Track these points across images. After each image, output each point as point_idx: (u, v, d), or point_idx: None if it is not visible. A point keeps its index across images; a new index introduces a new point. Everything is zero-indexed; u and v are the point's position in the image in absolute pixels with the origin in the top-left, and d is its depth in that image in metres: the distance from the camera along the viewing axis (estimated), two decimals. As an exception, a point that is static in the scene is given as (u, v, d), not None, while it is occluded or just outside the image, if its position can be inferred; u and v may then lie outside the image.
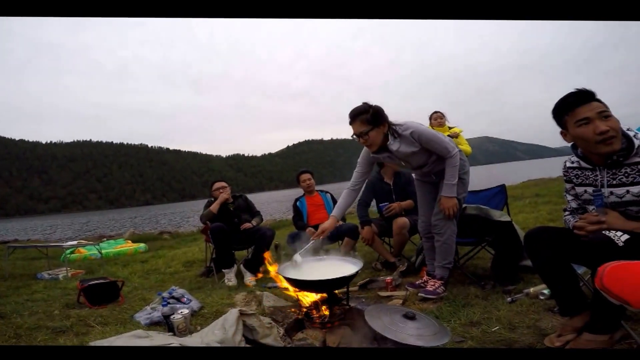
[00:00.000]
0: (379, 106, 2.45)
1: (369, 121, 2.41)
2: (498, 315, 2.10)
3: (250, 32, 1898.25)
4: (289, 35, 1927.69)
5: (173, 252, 6.64)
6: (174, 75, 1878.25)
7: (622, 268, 0.89)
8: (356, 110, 2.45)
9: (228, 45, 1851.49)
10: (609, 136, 1.46)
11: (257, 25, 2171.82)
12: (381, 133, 2.46)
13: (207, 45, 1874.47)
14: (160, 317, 2.46)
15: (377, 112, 2.42)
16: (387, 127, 2.47)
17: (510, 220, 2.76)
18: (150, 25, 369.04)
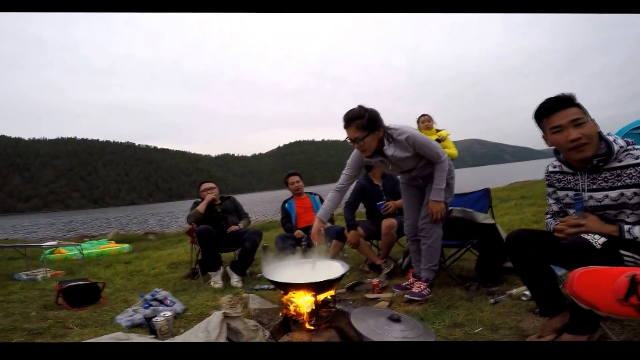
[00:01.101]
0: (375, 110, 2.40)
1: (365, 127, 2.35)
2: (481, 316, 2.12)
3: (243, 30, 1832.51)
4: (282, 34, 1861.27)
5: (158, 253, 6.53)
6: (163, 72, 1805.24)
7: (590, 274, 0.90)
8: (351, 114, 2.38)
9: (220, 43, 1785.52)
10: (580, 143, 1.50)
11: (251, 24, 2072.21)
12: (376, 138, 2.43)
13: (198, 43, 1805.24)
14: (142, 319, 2.42)
15: (373, 117, 2.36)
16: (382, 131, 2.44)
17: (494, 223, 2.81)
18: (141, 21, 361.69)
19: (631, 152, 1.47)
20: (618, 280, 0.82)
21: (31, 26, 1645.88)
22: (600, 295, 0.85)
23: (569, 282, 0.92)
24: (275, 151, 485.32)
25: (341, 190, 2.65)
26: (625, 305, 0.80)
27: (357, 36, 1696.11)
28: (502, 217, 6.01)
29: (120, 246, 7.57)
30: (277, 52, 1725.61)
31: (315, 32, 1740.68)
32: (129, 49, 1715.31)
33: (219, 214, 4.03)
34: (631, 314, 0.80)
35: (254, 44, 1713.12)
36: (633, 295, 0.78)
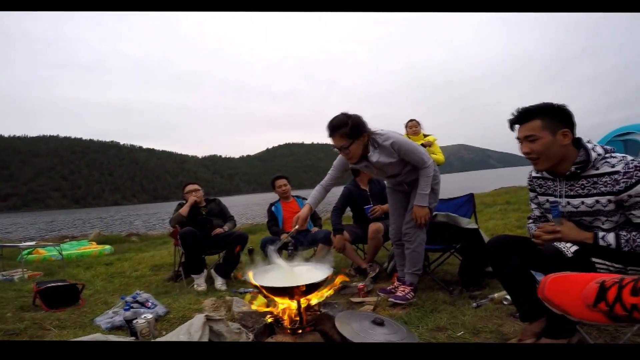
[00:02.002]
0: (358, 116, 2.41)
1: (349, 135, 2.36)
2: (463, 320, 2.15)
3: (235, 30, 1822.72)
4: (275, 36, 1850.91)
5: (141, 255, 6.42)
6: (152, 70, 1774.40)
7: (562, 280, 0.92)
8: (334, 123, 2.39)
9: (212, 43, 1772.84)
10: (530, 158, 1.60)
11: (243, 24, 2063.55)
12: (361, 145, 2.44)
13: (189, 42, 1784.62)
14: (122, 321, 2.38)
15: (356, 124, 2.37)
16: (367, 137, 2.45)
17: (477, 228, 2.85)
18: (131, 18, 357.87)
19: (608, 160, 1.51)
20: (588, 287, 0.84)
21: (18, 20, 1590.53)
22: (571, 300, 0.87)
23: (541, 288, 0.95)
24: (264, 153, 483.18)
25: (326, 187, 2.67)
26: (594, 311, 0.81)
27: (350, 39, 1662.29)
28: (486, 221, 6.11)
29: (101, 247, 7.41)
30: (269, 54, 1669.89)
31: (309, 35, 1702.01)
32: (117, 46, 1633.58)
33: (203, 217, 3.98)
34: (600, 320, 0.81)
35: (246, 44, 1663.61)
36: (602, 302, 0.80)
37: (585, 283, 0.85)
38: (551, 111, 1.56)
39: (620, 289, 0.77)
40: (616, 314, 0.77)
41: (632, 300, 0.75)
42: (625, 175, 1.43)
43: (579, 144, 1.59)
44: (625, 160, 1.47)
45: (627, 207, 1.47)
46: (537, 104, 1.59)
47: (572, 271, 0.97)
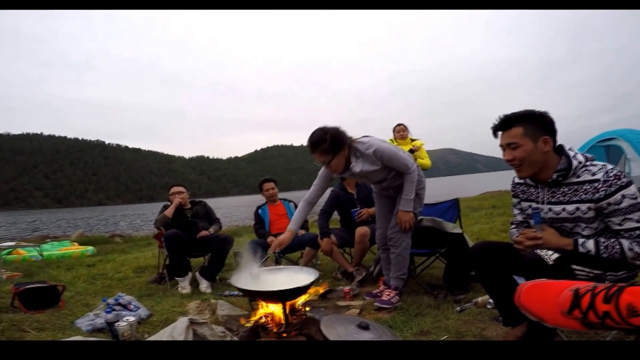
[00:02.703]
0: (336, 130, 2.41)
1: (328, 150, 2.38)
2: (447, 324, 2.17)
3: (227, 31, 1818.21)
4: (266, 37, 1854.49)
5: (124, 256, 6.30)
6: (142, 70, 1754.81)
7: (537, 287, 0.94)
8: (313, 140, 2.40)
9: (203, 44, 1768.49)
10: (513, 165, 1.63)
11: (235, 26, 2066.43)
12: (343, 157, 2.46)
13: (181, 42, 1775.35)
14: (103, 323, 2.33)
15: (334, 139, 2.38)
16: (347, 149, 2.46)
17: (461, 233, 2.89)
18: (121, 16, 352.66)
19: (589, 168, 1.55)
20: (563, 294, 0.85)
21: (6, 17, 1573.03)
22: (546, 307, 0.89)
23: (517, 295, 0.96)
24: (252, 155, 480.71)
25: (311, 202, 2.67)
26: (569, 318, 0.83)
27: (342, 42, 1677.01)
28: (472, 225, 6.19)
29: (83, 248, 7.24)
30: (260, 56, 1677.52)
31: (300, 37, 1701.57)
32: (107, 45, 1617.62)
33: (188, 220, 3.93)
34: (575, 327, 0.83)
35: (237, 46, 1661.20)
36: (576, 309, 0.81)
37: (560, 291, 0.87)
38: (533, 118, 1.59)
39: (593, 296, 0.79)
40: (590, 321, 0.79)
41: (605, 307, 0.77)
42: (605, 183, 1.47)
43: (560, 151, 1.62)
44: (606, 168, 1.51)
45: (606, 215, 1.51)
46: (518, 111, 1.62)
47: (553, 278, 0.99)
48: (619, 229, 1.48)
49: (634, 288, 0.77)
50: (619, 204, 1.46)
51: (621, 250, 1.45)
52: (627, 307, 0.74)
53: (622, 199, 1.45)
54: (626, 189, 1.45)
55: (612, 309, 0.76)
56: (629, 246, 1.44)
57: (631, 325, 0.74)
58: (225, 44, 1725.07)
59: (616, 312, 0.76)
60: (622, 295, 0.76)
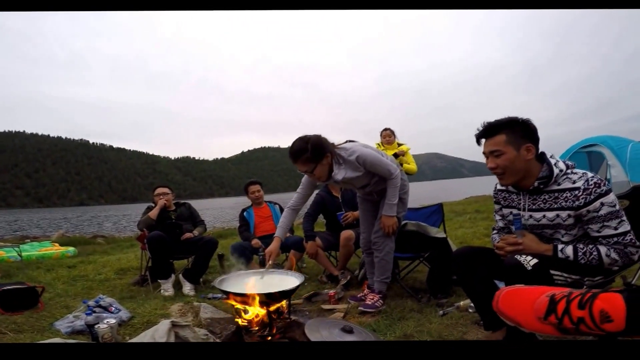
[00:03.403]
0: (317, 138, 2.41)
1: (311, 159, 2.38)
2: (430, 328, 2.19)
3: (215, 32, 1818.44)
4: (255, 38, 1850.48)
5: (106, 258, 6.17)
6: (128, 69, 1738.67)
7: (514, 293, 0.96)
8: (294, 150, 2.40)
9: (190, 43, 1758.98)
10: (495, 172, 1.66)
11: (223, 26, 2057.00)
12: (326, 165, 2.46)
13: (168, 41, 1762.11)
14: (83, 325, 2.28)
15: (316, 148, 2.38)
16: (330, 156, 2.46)
17: (445, 237, 2.93)
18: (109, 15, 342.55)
19: (569, 176, 1.58)
20: (539, 300, 0.87)
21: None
22: (523, 313, 0.90)
23: (495, 301, 0.98)
24: (239, 156, 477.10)
25: (296, 208, 2.70)
26: (545, 324, 0.85)
27: (330, 44, 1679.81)
28: (456, 230, 6.27)
29: (64, 249, 7.06)
30: (248, 56, 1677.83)
31: (289, 38, 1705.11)
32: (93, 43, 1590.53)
33: (172, 221, 3.88)
34: (551, 332, 0.85)
35: (225, 46, 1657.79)
36: (552, 314, 0.83)
37: (537, 296, 0.89)
38: (516, 126, 1.61)
39: (568, 302, 0.81)
40: (565, 327, 0.81)
41: (579, 313, 0.79)
42: (584, 191, 1.51)
43: (542, 158, 1.65)
44: (586, 177, 1.54)
45: (585, 222, 1.55)
46: (502, 119, 1.65)
47: (531, 283, 1.01)
48: (597, 235, 1.52)
49: (608, 294, 0.78)
50: (597, 212, 1.50)
51: (599, 256, 1.49)
52: (600, 313, 0.76)
53: (601, 206, 1.49)
54: (605, 197, 1.49)
55: (586, 315, 0.78)
56: (606, 252, 1.49)
57: (604, 331, 0.76)
58: (213, 43, 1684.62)
59: (590, 318, 0.77)
60: (595, 301, 0.78)
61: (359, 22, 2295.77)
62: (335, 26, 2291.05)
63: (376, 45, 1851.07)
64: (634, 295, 0.74)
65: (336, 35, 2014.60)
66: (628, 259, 1.49)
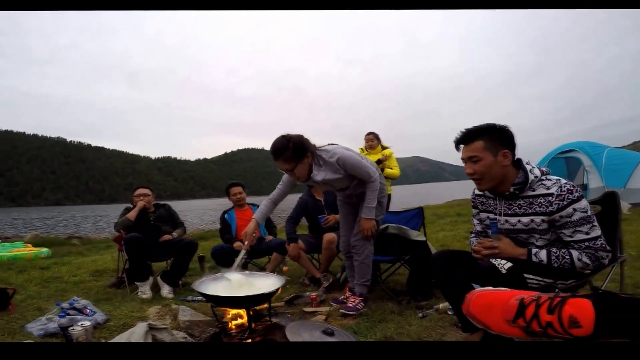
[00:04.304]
0: (299, 138, 2.44)
1: (291, 158, 2.40)
2: (409, 330, 2.22)
3: (201, 32, 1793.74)
4: (240, 39, 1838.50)
5: (81, 259, 5.99)
6: (110, 66, 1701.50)
7: (484, 296, 0.98)
8: (276, 147, 2.42)
9: (176, 42, 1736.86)
10: (473, 178, 1.71)
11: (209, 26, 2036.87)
12: (306, 164, 2.48)
13: (153, 39, 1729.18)
14: (56, 328, 2.20)
15: (297, 147, 2.40)
16: (311, 156, 2.49)
17: (425, 240, 2.98)
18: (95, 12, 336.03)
19: (544, 182, 1.63)
20: (508, 303, 0.89)
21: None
22: (492, 316, 0.92)
23: (466, 304, 1.00)
24: (222, 157, 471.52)
25: (275, 201, 2.73)
26: (513, 326, 0.87)
27: (317, 48, 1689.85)
28: (437, 232, 6.35)
29: (37, 250, 6.81)
30: (233, 57, 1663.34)
31: (276, 40, 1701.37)
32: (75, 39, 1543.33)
33: (151, 223, 3.80)
34: (518, 334, 0.87)
35: (210, 46, 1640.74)
36: (520, 318, 0.85)
37: (506, 300, 0.91)
38: (493, 132, 1.65)
39: (537, 306, 0.84)
40: (533, 330, 0.83)
41: (548, 318, 0.81)
42: (558, 197, 1.56)
43: (518, 164, 1.70)
44: (559, 183, 1.59)
45: (558, 227, 1.60)
46: (480, 125, 1.69)
47: (506, 286, 1.04)
48: (569, 240, 1.58)
49: (576, 300, 0.80)
50: (570, 217, 1.55)
51: (571, 260, 1.54)
52: (569, 318, 0.78)
53: (573, 212, 1.54)
54: (577, 202, 1.54)
55: (555, 319, 0.80)
56: (578, 256, 1.54)
57: (572, 336, 0.78)
58: (198, 43, 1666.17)
59: (558, 323, 0.79)
60: (564, 306, 0.80)
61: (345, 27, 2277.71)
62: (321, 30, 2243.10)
63: (362, 51, 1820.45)
64: (602, 300, 0.76)
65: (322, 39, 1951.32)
66: (599, 263, 1.55)
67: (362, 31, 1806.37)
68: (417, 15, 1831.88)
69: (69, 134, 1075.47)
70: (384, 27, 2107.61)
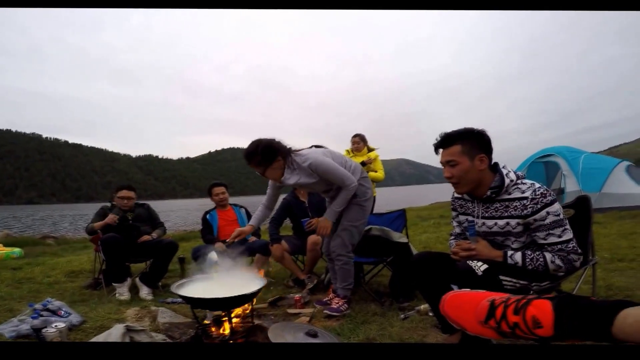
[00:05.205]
0: (268, 142, 2.50)
1: (261, 162, 2.49)
2: (391, 331, 2.24)
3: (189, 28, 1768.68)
4: (229, 36, 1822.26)
5: (56, 259, 5.80)
6: (94, 61, 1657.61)
7: (459, 297, 1.00)
8: (246, 153, 2.53)
9: (163, 38, 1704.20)
10: (451, 182, 1.75)
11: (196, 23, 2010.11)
12: (278, 168, 2.54)
13: (139, 34, 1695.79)
14: (29, 329, 2.13)
15: (265, 151, 2.47)
16: (282, 160, 2.54)
17: (407, 242, 3.01)
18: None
19: (519, 186, 1.68)
20: (480, 304, 0.92)
21: None
22: (466, 316, 0.94)
23: (442, 304, 1.02)
24: (206, 156, 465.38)
25: (268, 206, 2.87)
26: (485, 327, 0.89)
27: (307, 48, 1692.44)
28: (420, 234, 6.42)
29: (8, 250, 6.56)
30: (221, 54, 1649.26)
31: (264, 39, 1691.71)
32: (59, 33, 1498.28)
33: (130, 223, 3.70)
34: (491, 335, 0.89)
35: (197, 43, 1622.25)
36: (491, 319, 0.88)
37: (479, 301, 0.93)
38: (471, 137, 1.69)
39: (505, 307, 0.86)
40: (503, 331, 0.85)
41: (514, 318, 0.83)
42: (532, 201, 1.61)
43: (495, 168, 1.74)
44: (534, 187, 1.64)
45: (532, 229, 1.65)
46: (458, 130, 1.73)
47: (482, 288, 1.06)
48: (543, 242, 1.62)
49: (539, 301, 0.82)
50: (543, 220, 1.60)
51: (544, 263, 1.59)
52: (532, 319, 0.80)
53: (546, 215, 1.59)
54: (550, 206, 1.59)
55: (520, 320, 0.82)
56: (551, 259, 1.59)
57: (536, 336, 0.80)
58: (185, 40, 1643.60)
59: (523, 323, 0.81)
60: (528, 307, 0.82)
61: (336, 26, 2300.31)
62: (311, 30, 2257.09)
63: (352, 51, 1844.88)
64: (561, 302, 0.79)
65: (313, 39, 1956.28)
66: (571, 266, 1.60)
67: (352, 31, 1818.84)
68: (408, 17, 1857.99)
69: (45, 130, 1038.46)
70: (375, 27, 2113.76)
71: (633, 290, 2.72)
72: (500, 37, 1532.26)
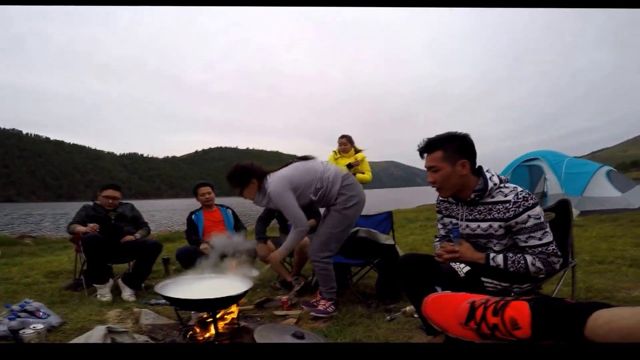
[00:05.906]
0: (245, 166, 2.69)
1: (237, 184, 2.68)
2: (377, 333, 2.25)
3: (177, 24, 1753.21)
4: (217, 33, 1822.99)
5: (34, 260, 5.63)
6: (77, 56, 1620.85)
7: (441, 299, 1.02)
8: (227, 175, 2.73)
9: (150, 33, 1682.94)
10: (434, 186, 1.80)
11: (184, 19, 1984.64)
12: (253, 189, 2.70)
13: (125, 29, 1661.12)
14: (6, 331, 2.06)
15: (240, 174, 2.67)
16: (257, 182, 2.68)
17: (393, 244, 3.04)
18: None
19: (502, 189, 1.72)
20: (461, 306, 0.93)
21: None
22: (448, 318, 0.96)
23: (424, 306, 1.03)
24: (192, 156, 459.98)
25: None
26: (466, 329, 0.91)
27: (296, 46, 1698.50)
28: (407, 236, 6.48)
29: (-16, 249, 6.36)
30: (210, 52, 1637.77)
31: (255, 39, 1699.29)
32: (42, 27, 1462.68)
33: (112, 223, 3.63)
34: (472, 337, 0.91)
35: (185, 40, 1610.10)
36: (471, 320, 0.89)
37: (459, 302, 0.94)
38: (453, 142, 1.72)
39: (485, 309, 0.88)
40: (483, 332, 0.87)
41: (494, 320, 0.85)
42: (514, 204, 1.65)
43: (479, 172, 1.77)
44: (516, 191, 1.68)
45: (514, 232, 1.68)
46: (440, 135, 1.76)
47: (464, 289, 1.08)
48: (524, 245, 1.66)
49: (517, 302, 0.84)
50: (525, 223, 1.63)
51: (525, 265, 1.63)
52: (510, 320, 0.82)
53: (528, 218, 1.63)
54: (532, 209, 1.63)
55: (499, 321, 0.84)
56: (532, 261, 1.62)
57: (515, 337, 0.82)
58: (172, 36, 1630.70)
59: (502, 325, 0.83)
60: (507, 309, 0.84)
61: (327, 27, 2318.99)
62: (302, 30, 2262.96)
63: (343, 53, 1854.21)
64: (538, 303, 0.81)
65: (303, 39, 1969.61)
66: (551, 268, 1.64)
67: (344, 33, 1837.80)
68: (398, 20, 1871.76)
69: (26, 126, 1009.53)
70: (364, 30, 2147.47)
71: (611, 292, 2.79)
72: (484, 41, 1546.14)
